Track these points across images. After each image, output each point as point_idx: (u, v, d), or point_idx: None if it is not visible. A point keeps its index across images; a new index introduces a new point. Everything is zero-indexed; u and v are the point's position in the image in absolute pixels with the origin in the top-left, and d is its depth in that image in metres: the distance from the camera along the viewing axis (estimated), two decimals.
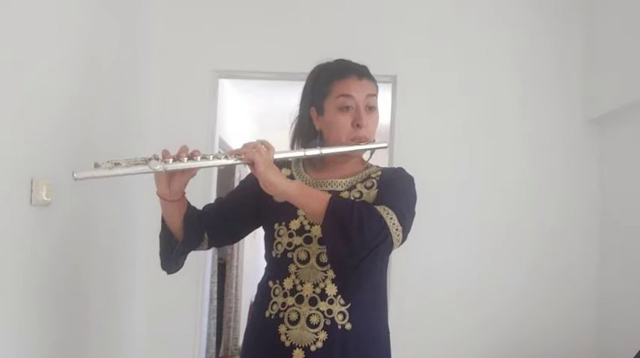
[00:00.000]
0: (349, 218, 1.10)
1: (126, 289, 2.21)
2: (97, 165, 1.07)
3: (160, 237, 1.27)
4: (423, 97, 2.45)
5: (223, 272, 4.49)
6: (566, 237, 2.40)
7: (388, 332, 1.31)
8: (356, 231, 1.09)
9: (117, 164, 1.08)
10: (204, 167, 1.14)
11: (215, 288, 3.86)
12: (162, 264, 1.30)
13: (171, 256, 1.27)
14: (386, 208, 1.13)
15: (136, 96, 2.27)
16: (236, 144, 4.03)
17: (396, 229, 1.11)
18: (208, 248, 1.33)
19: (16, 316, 1.39)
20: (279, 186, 1.13)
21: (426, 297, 2.39)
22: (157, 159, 1.10)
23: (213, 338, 3.80)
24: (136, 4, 2.23)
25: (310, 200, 1.15)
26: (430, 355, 2.37)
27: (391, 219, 1.11)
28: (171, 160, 1.11)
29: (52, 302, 1.57)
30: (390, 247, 1.12)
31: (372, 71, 1.25)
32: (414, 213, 1.23)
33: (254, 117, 5.18)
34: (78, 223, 1.74)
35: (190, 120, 2.44)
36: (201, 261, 2.44)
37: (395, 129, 2.45)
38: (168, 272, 1.31)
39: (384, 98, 2.62)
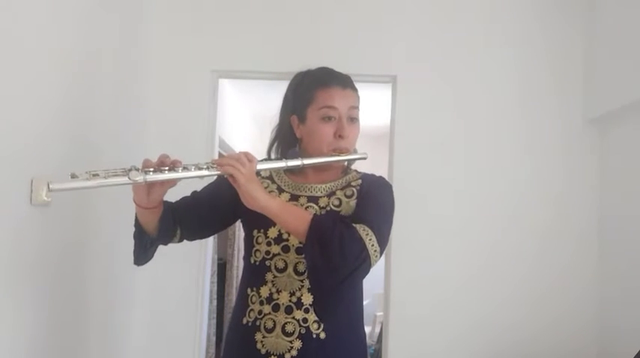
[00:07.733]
0: (330, 239, 1.10)
1: (126, 289, 2.21)
2: (74, 176, 1.02)
3: (135, 237, 1.26)
4: (423, 97, 2.45)
5: (223, 272, 4.48)
6: (565, 237, 2.40)
7: (364, 338, 1.32)
8: (337, 253, 1.10)
9: (95, 175, 1.02)
10: (184, 178, 1.11)
11: (215, 288, 3.86)
12: (135, 260, 1.28)
13: (143, 251, 1.26)
14: (365, 228, 1.14)
15: (136, 96, 2.27)
16: (236, 144, 4.02)
17: (375, 251, 1.13)
18: (179, 241, 1.33)
19: (16, 316, 1.39)
20: (260, 201, 1.12)
21: (425, 296, 2.39)
22: (137, 169, 1.07)
23: (213, 338, 3.79)
24: (136, 4, 2.23)
25: (291, 218, 1.15)
26: (429, 354, 2.37)
27: (370, 240, 1.13)
28: (151, 171, 1.08)
29: (51, 301, 1.57)
30: (368, 268, 1.14)
31: (372, 71, 1.24)
32: (392, 223, 1.25)
33: (254, 118, 5.18)
34: (78, 223, 1.74)
35: (190, 120, 2.44)
36: (201, 261, 2.44)
37: (395, 129, 2.45)
38: (139, 265, 1.30)
39: (384, 98, 2.64)
